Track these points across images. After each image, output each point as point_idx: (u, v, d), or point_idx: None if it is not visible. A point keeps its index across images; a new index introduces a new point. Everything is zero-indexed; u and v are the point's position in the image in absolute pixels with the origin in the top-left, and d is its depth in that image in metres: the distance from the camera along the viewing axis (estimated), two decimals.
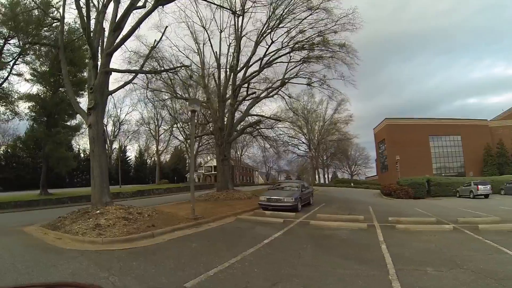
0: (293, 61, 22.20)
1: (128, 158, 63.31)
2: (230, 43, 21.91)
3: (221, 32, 21.76)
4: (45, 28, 21.65)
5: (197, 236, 7.96)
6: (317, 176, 51.12)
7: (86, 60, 25.41)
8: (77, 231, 7.86)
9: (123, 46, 12.00)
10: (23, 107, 27.01)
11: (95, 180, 10.35)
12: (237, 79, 21.80)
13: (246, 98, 22.50)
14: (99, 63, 11.23)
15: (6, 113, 23.97)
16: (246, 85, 21.96)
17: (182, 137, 45.35)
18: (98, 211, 9.37)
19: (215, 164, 59.34)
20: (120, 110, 42.53)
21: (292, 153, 34.20)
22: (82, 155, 50.87)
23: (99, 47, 11.69)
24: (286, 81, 21.98)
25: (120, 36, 11.40)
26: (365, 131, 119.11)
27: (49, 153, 24.36)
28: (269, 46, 20.99)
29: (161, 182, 45.88)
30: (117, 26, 11.33)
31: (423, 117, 56.49)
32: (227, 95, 21.89)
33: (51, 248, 6.61)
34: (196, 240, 7.38)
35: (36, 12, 21.45)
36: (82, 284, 2.30)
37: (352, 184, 46.36)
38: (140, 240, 7.07)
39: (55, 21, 13.78)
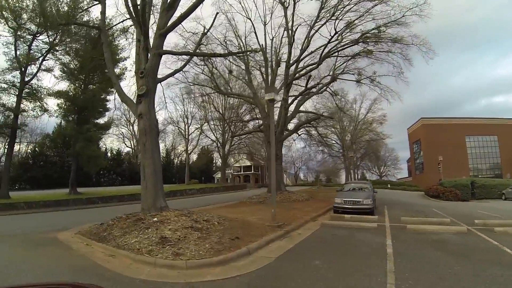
0: (342, 56, 20.68)
1: None
2: (274, 36, 20.89)
3: (265, 25, 20.67)
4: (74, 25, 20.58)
5: (304, 250, 6.27)
6: (349, 178, 48.65)
7: (119, 56, 24.69)
8: (137, 247, 6.08)
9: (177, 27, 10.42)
10: (53, 103, 26.29)
11: (148, 180, 8.66)
12: (289, 73, 20.38)
13: (304, 93, 21.06)
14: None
15: (35, 109, 23.19)
16: (300, 78, 20.58)
17: (214, 136, 44.46)
18: (155, 219, 7.67)
19: (245, 164, 58.79)
20: None
21: (324, 153, 32.41)
22: (109, 154, 50.05)
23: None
24: (336, 76, 20.45)
25: (178, 15, 9.93)
26: (391, 130, 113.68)
27: (80, 151, 23.41)
28: (332, 36, 19.32)
29: (191, 182, 44.65)
30: (169, 6, 10.05)
31: (459, 117, 53.51)
32: None
33: (110, 276, 4.53)
34: (309, 256, 5.65)
35: (65, 7, 20.59)
36: (82, 284, 2.12)
37: (388, 186, 43.88)
38: (237, 261, 5.12)
39: (95, 2, 12.38)
